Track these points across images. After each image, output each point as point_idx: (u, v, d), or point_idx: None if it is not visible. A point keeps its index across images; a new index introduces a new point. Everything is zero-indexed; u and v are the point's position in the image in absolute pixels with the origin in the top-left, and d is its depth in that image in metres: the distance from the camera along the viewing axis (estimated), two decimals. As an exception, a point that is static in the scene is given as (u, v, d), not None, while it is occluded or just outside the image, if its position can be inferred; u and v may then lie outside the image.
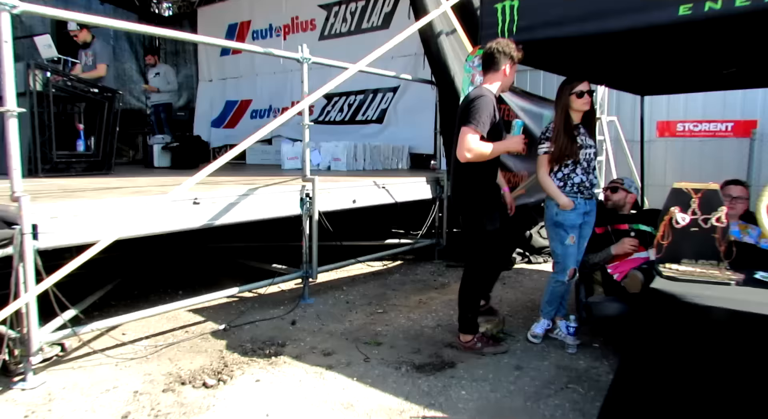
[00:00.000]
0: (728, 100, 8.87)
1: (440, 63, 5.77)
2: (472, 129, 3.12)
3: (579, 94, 3.40)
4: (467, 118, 3.14)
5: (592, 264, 3.68)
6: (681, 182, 2.52)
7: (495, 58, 3.27)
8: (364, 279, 5.51)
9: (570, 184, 3.45)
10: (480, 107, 3.14)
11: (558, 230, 3.48)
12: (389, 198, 5.49)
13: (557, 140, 3.40)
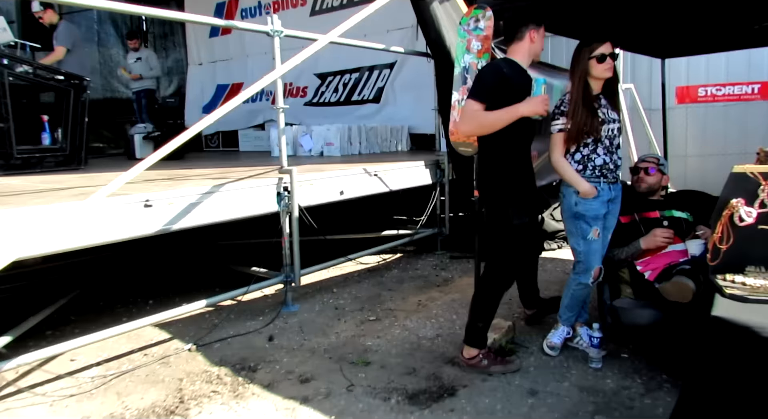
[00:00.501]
0: (754, 59, 8.13)
1: (435, 32, 5.16)
2: (471, 100, 2.72)
3: (600, 57, 2.78)
4: (470, 91, 2.76)
5: (618, 261, 3.10)
6: (743, 165, 1.94)
7: (515, 25, 2.81)
8: (358, 278, 4.98)
9: (591, 167, 2.86)
10: (482, 76, 2.78)
11: (579, 223, 2.90)
12: (383, 186, 4.93)
13: (575, 115, 2.79)
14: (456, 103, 3.25)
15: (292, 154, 7.47)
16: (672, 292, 2.57)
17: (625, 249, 3.07)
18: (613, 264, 3.11)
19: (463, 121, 2.83)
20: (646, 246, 3.01)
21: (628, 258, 3.07)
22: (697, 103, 8.57)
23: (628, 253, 3.06)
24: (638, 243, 3.04)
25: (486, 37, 3.11)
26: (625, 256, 3.07)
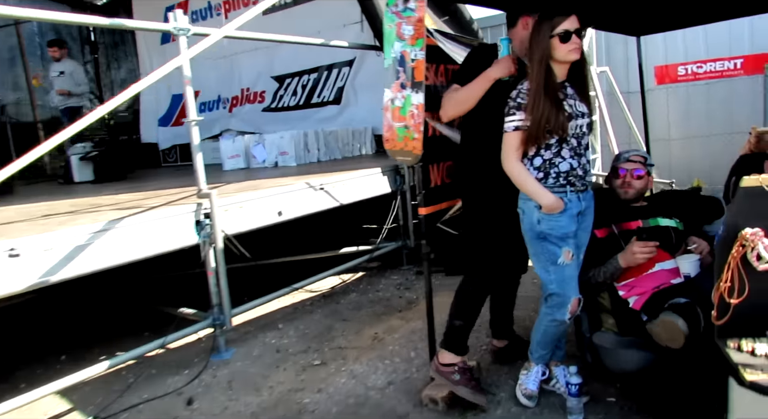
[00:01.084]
0: (734, 33, 7.62)
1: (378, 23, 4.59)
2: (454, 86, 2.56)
3: (563, 35, 2.18)
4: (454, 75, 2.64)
5: (596, 284, 2.52)
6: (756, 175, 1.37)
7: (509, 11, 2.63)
8: (310, 307, 4.38)
9: (555, 174, 2.27)
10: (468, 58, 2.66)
11: (545, 245, 2.31)
12: (331, 201, 4.33)
13: (535, 108, 2.19)
14: (389, 103, 2.66)
15: (245, 166, 6.88)
16: (661, 335, 1.99)
17: (603, 270, 2.49)
18: (591, 287, 2.53)
19: (442, 106, 2.61)
20: (626, 264, 2.44)
21: (607, 280, 2.49)
22: (677, 82, 8.04)
23: (607, 274, 2.48)
24: (616, 261, 2.46)
25: (419, 19, 2.52)
26: (603, 278, 2.49)
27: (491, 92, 2.45)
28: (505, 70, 2.42)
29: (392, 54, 2.60)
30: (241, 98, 9.41)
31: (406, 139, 2.63)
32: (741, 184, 1.39)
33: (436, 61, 2.78)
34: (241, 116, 9.18)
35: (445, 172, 2.89)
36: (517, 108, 2.24)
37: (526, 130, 2.22)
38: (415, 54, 2.54)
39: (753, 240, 1.32)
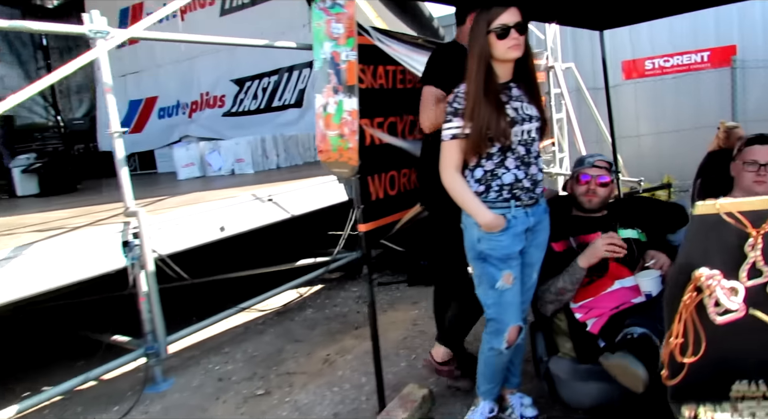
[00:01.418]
0: (699, 25, 7.51)
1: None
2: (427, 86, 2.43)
3: (501, 31, 1.93)
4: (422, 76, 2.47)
5: (554, 296, 2.27)
6: (714, 200, 1.13)
7: (458, 9, 2.60)
8: (262, 326, 4.11)
9: (497, 187, 2.02)
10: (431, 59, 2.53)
11: (485, 266, 2.07)
12: (281, 213, 4.06)
13: (474, 114, 1.94)
14: (321, 109, 2.40)
15: (201, 174, 6.56)
16: (618, 375, 1.76)
17: (561, 279, 2.24)
18: (547, 303, 2.30)
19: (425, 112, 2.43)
20: (588, 262, 2.20)
21: (566, 288, 2.22)
22: (645, 77, 7.92)
23: (565, 284, 2.23)
24: (575, 264, 2.22)
25: (349, 16, 2.27)
26: (562, 286, 2.23)
27: None
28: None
29: (322, 55, 2.34)
30: (201, 103, 9.09)
31: (340, 149, 2.37)
32: (694, 211, 1.16)
33: (373, 62, 2.53)
34: (201, 122, 8.85)
35: (389, 184, 2.64)
36: (453, 114, 1.99)
37: (464, 138, 1.97)
38: (346, 54, 2.28)
39: (710, 284, 1.09)
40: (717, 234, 1.11)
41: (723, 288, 1.08)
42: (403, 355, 3.28)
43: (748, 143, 2.36)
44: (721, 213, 1.10)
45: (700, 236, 1.14)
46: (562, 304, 2.28)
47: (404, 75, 2.76)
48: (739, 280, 1.12)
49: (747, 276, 1.13)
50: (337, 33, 2.28)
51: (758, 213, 1.08)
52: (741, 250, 1.12)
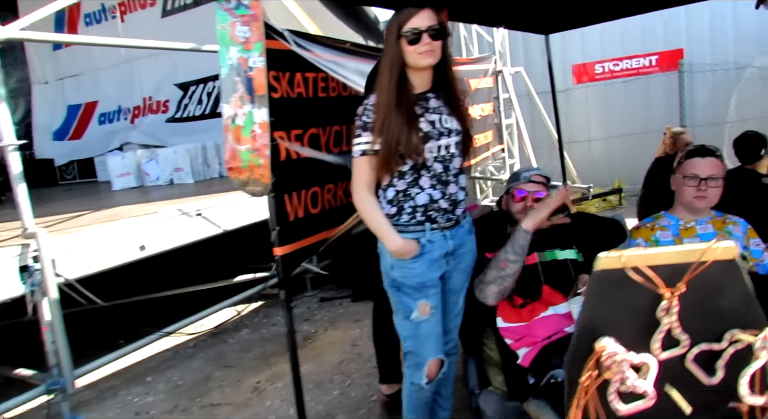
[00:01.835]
0: (648, 29, 7.55)
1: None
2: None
3: (412, 35, 1.73)
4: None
5: (492, 280, 2.03)
6: (618, 252, 0.93)
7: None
8: (192, 350, 3.83)
9: (410, 209, 1.83)
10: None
11: (399, 295, 1.88)
12: (211, 228, 3.79)
13: (384, 128, 1.75)
14: (229, 121, 2.17)
15: (138, 184, 6.21)
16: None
17: (503, 250, 2.01)
18: (478, 310, 2.10)
19: None
20: (533, 224, 1.99)
21: (508, 261, 2.00)
22: (595, 81, 7.92)
23: (507, 254, 2.00)
24: (520, 229, 2.00)
25: (255, 18, 2.04)
26: (503, 258, 2.00)
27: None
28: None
29: (228, 61, 2.11)
30: (144, 108, 8.69)
31: (251, 165, 2.14)
32: (595, 266, 0.97)
33: (290, 68, 2.30)
34: (144, 128, 8.46)
35: (311, 202, 2.42)
36: (363, 128, 1.79)
37: (374, 154, 1.77)
38: (253, 61, 2.06)
39: (614, 364, 0.89)
40: (623, 294, 0.92)
41: (632, 374, 0.88)
42: (336, 382, 3.06)
43: (689, 155, 2.21)
44: (627, 269, 0.91)
45: (604, 295, 0.95)
46: (504, 287, 2.00)
47: (327, 82, 2.54)
48: (651, 352, 0.93)
49: (661, 347, 0.94)
50: (243, 37, 2.06)
51: (674, 268, 0.89)
52: (653, 314, 0.94)
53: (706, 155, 2.16)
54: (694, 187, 2.15)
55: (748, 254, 2.18)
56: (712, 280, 0.88)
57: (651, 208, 2.58)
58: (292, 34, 2.35)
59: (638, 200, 2.85)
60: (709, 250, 0.85)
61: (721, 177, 2.15)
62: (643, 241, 2.26)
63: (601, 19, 4.53)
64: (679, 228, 2.26)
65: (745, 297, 0.91)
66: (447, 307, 1.97)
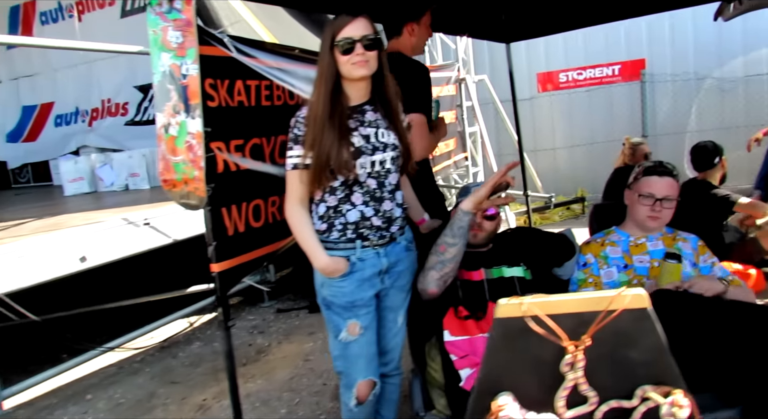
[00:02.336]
0: (611, 39, 7.63)
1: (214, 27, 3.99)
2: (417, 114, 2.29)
3: (345, 45, 1.65)
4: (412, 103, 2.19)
5: (432, 266, 1.91)
6: (517, 298, 0.83)
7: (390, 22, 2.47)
8: (139, 365, 3.67)
9: (340, 225, 1.76)
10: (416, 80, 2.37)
11: (329, 314, 1.82)
12: (159, 238, 3.65)
13: (315, 141, 1.67)
14: (162, 131, 2.06)
15: (91, 190, 6.00)
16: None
17: (443, 233, 1.89)
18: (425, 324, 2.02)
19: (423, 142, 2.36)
20: (474, 204, 1.84)
21: (447, 244, 1.87)
22: (560, 90, 7.96)
23: (446, 237, 1.87)
24: (460, 211, 1.86)
25: (187, 22, 1.94)
26: (442, 241, 1.88)
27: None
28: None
29: (161, 68, 2.00)
30: (102, 110, 8.45)
31: (186, 177, 2.04)
32: (496, 313, 0.90)
33: (229, 76, 2.19)
34: (102, 131, 8.20)
35: (252, 215, 2.31)
36: (294, 141, 1.71)
37: (304, 168, 1.70)
38: (186, 68, 1.95)
39: None
40: (525, 345, 0.84)
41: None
42: (285, 400, 2.96)
43: (647, 173, 2.16)
44: (527, 318, 0.83)
45: (505, 346, 0.87)
46: (445, 273, 1.86)
47: (272, 90, 2.44)
48: (555, 411, 0.86)
49: (566, 405, 0.87)
50: (176, 42, 1.95)
51: (579, 318, 0.82)
52: (558, 368, 0.87)
53: (664, 175, 2.12)
54: (648, 206, 2.11)
55: (697, 271, 2.16)
56: (622, 331, 0.80)
57: (602, 222, 2.55)
58: (233, 40, 2.25)
59: (590, 214, 2.82)
60: (618, 298, 0.79)
61: (675, 198, 2.12)
62: (592, 257, 2.23)
63: (561, 29, 4.54)
64: (629, 244, 2.23)
65: (657, 349, 0.84)
66: (385, 326, 1.91)
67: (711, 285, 1.92)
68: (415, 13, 2.44)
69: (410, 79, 2.30)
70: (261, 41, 2.70)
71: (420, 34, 2.50)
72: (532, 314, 0.82)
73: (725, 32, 6.86)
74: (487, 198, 1.85)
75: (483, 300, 2.03)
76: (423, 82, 2.41)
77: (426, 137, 2.39)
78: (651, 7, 4.13)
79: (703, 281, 1.95)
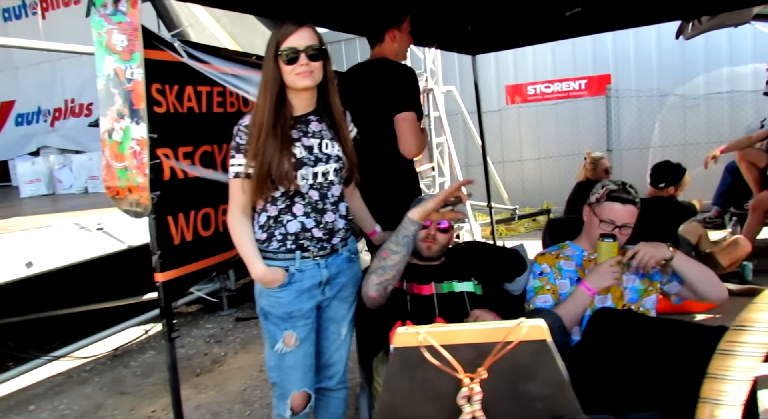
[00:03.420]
0: (578, 53, 7.75)
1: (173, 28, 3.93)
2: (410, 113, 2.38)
3: (289, 54, 1.63)
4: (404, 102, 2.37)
5: (374, 270, 1.87)
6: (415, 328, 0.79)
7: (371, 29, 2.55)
8: (88, 374, 3.57)
9: (280, 236, 1.74)
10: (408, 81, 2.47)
11: (266, 324, 1.80)
12: (113, 244, 3.55)
13: (257, 151, 1.65)
14: (106, 136, 2.00)
15: (49, 192, 5.84)
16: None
17: (388, 240, 1.85)
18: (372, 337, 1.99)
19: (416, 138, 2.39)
20: (422, 215, 1.80)
21: (390, 250, 1.82)
22: (528, 102, 8.05)
23: (390, 244, 1.83)
24: (407, 219, 1.82)
25: (132, 25, 1.89)
26: (386, 247, 1.83)
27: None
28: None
29: (105, 71, 1.94)
30: (65, 110, 8.28)
31: (129, 184, 1.98)
32: (393, 342, 0.88)
33: (178, 81, 2.14)
34: (64, 131, 8.03)
35: (201, 224, 2.26)
36: (236, 149, 1.70)
37: (245, 178, 1.69)
38: (131, 72, 1.90)
39: None
40: (424, 375, 0.82)
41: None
42: (236, 412, 2.90)
43: (610, 198, 2.15)
44: (422, 348, 0.80)
45: (405, 375, 0.86)
46: (385, 279, 1.83)
47: (225, 97, 2.40)
48: None
49: None
50: (121, 46, 1.90)
51: (478, 349, 0.79)
52: (453, 404, 0.84)
53: (627, 203, 2.12)
54: (607, 231, 2.12)
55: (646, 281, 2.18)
56: (521, 363, 0.79)
57: (556, 237, 2.56)
58: (184, 45, 2.21)
59: (544, 228, 2.82)
60: (516, 329, 0.77)
61: (633, 225, 2.13)
62: (548, 267, 2.22)
63: (526, 43, 4.59)
64: (583, 258, 2.24)
65: (557, 382, 0.83)
66: (328, 338, 1.90)
67: (656, 251, 1.96)
68: (395, 20, 2.50)
69: (397, 80, 2.40)
70: (215, 47, 2.66)
71: (401, 40, 2.56)
72: (428, 344, 0.80)
73: (688, 51, 7.02)
74: (436, 211, 1.83)
75: (432, 315, 2.01)
76: (410, 82, 2.44)
77: (417, 134, 2.41)
78: (614, 24, 4.22)
79: (648, 247, 1.98)
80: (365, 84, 2.48)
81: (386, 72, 2.47)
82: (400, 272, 1.87)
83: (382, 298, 1.87)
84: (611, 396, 1.70)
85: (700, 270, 2.01)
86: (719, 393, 0.67)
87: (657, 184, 3.61)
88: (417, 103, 2.45)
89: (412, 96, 2.43)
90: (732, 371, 0.66)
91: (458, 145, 7.61)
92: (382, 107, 2.39)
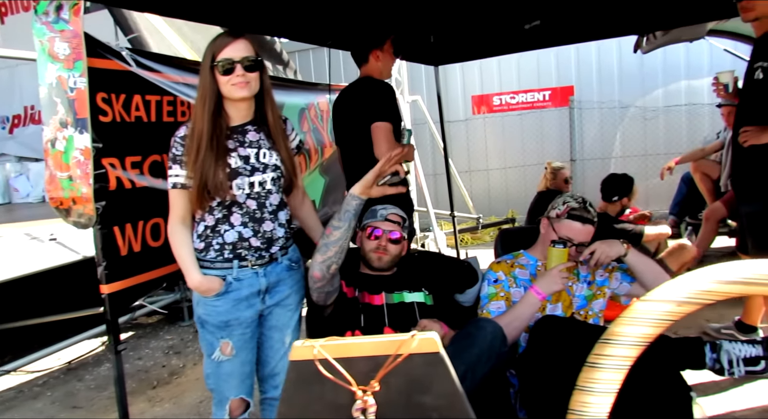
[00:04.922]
0: (542, 65, 7.90)
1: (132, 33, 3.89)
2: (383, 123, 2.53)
3: (225, 65, 1.65)
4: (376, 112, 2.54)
5: (318, 249, 1.85)
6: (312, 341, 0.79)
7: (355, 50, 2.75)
8: (41, 388, 3.47)
9: (218, 245, 1.74)
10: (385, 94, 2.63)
11: (203, 333, 1.81)
12: (67, 254, 3.48)
13: (194, 163, 1.65)
14: (49, 145, 1.96)
15: (5, 201, 5.70)
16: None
17: (333, 217, 1.84)
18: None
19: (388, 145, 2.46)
20: (364, 189, 1.78)
21: (333, 226, 1.82)
22: (494, 112, 8.16)
23: (333, 220, 1.83)
24: (350, 195, 1.81)
25: (75, 33, 1.87)
26: (329, 224, 1.84)
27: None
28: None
29: (47, 80, 1.91)
30: (25, 118, 8.07)
31: (73, 195, 1.95)
32: (290, 356, 0.89)
33: (126, 90, 2.12)
34: (23, 139, 7.81)
35: (151, 234, 2.23)
36: (173, 160, 1.70)
37: (182, 188, 1.70)
38: (74, 81, 1.88)
39: None
40: (320, 389, 0.83)
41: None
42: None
43: (571, 216, 2.18)
44: (317, 361, 0.82)
45: (300, 390, 0.87)
46: (327, 256, 1.83)
47: (176, 106, 2.38)
48: None
49: None
50: (63, 54, 1.88)
51: (374, 361, 0.81)
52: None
53: (587, 223, 2.16)
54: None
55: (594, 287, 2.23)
56: (415, 375, 0.80)
57: (508, 246, 2.59)
58: (133, 53, 2.19)
59: (497, 238, 2.86)
60: (407, 342, 0.79)
61: (588, 244, 2.17)
62: (503, 274, 2.25)
63: (488, 55, 4.66)
64: (537, 268, 2.28)
65: (451, 393, 0.84)
66: (272, 346, 1.90)
67: (611, 248, 2.04)
68: (377, 41, 2.69)
69: (375, 95, 2.58)
70: (168, 55, 2.64)
71: (385, 59, 2.74)
72: (322, 357, 0.80)
73: (647, 64, 7.21)
74: (375, 183, 1.81)
75: (382, 325, 2.02)
76: (386, 96, 2.59)
77: (390, 141, 2.51)
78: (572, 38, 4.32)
79: (603, 245, 2.05)
80: (351, 100, 2.70)
81: (367, 89, 2.64)
82: (344, 249, 1.85)
83: (326, 280, 1.86)
84: (555, 404, 1.72)
85: (649, 264, 2.10)
86: (584, 405, 0.69)
87: (610, 198, 3.67)
88: (392, 114, 2.58)
89: (387, 108, 2.57)
90: (597, 383, 0.69)
91: (425, 155, 7.67)
92: (363, 119, 2.55)
